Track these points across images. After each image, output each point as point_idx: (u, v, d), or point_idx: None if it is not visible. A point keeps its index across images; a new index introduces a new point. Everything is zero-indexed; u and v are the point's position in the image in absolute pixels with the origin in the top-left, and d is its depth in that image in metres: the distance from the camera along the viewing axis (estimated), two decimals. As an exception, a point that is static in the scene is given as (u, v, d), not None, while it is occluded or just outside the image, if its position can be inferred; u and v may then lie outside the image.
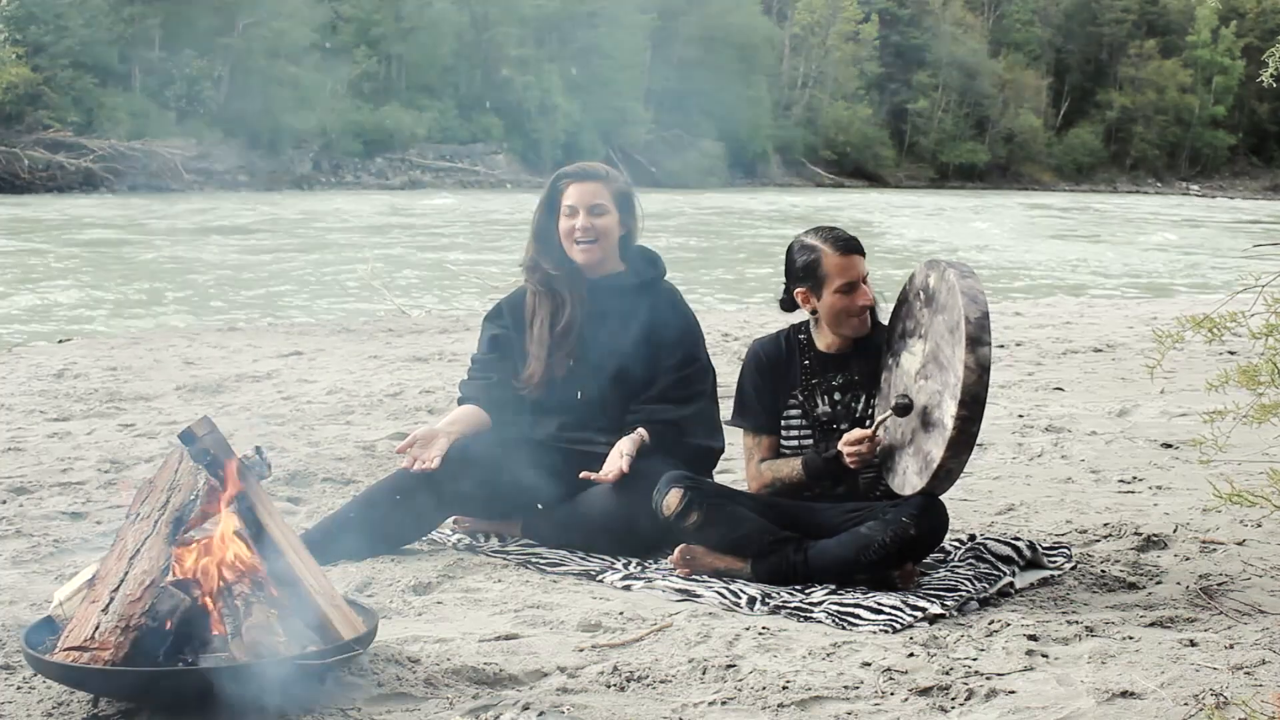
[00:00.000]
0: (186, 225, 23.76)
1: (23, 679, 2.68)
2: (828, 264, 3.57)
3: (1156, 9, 76.88)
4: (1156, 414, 6.16)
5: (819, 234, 3.65)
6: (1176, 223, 33.96)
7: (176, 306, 12.52)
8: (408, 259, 18.14)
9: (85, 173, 34.62)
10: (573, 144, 50.04)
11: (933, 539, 3.46)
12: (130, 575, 2.57)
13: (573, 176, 3.94)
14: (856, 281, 3.57)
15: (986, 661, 2.88)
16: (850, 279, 3.56)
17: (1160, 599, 3.35)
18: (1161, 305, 12.40)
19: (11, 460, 4.90)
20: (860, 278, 3.58)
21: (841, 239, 3.61)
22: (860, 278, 3.58)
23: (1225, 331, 3.16)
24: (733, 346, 8.25)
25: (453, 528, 3.97)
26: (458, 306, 12.33)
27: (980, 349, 3.23)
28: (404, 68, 49.56)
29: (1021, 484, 4.76)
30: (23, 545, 3.75)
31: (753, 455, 3.76)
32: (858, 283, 3.57)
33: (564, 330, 3.91)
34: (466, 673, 2.75)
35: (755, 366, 3.76)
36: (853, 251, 3.58)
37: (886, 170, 64.49)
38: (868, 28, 66.80)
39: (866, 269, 3.62)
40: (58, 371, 7.13)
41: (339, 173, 43.88)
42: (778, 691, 2.69)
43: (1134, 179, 71.59)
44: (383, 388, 6.69)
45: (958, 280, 3.32)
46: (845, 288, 3.56)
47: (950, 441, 3.25)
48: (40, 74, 36.59)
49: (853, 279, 3.56)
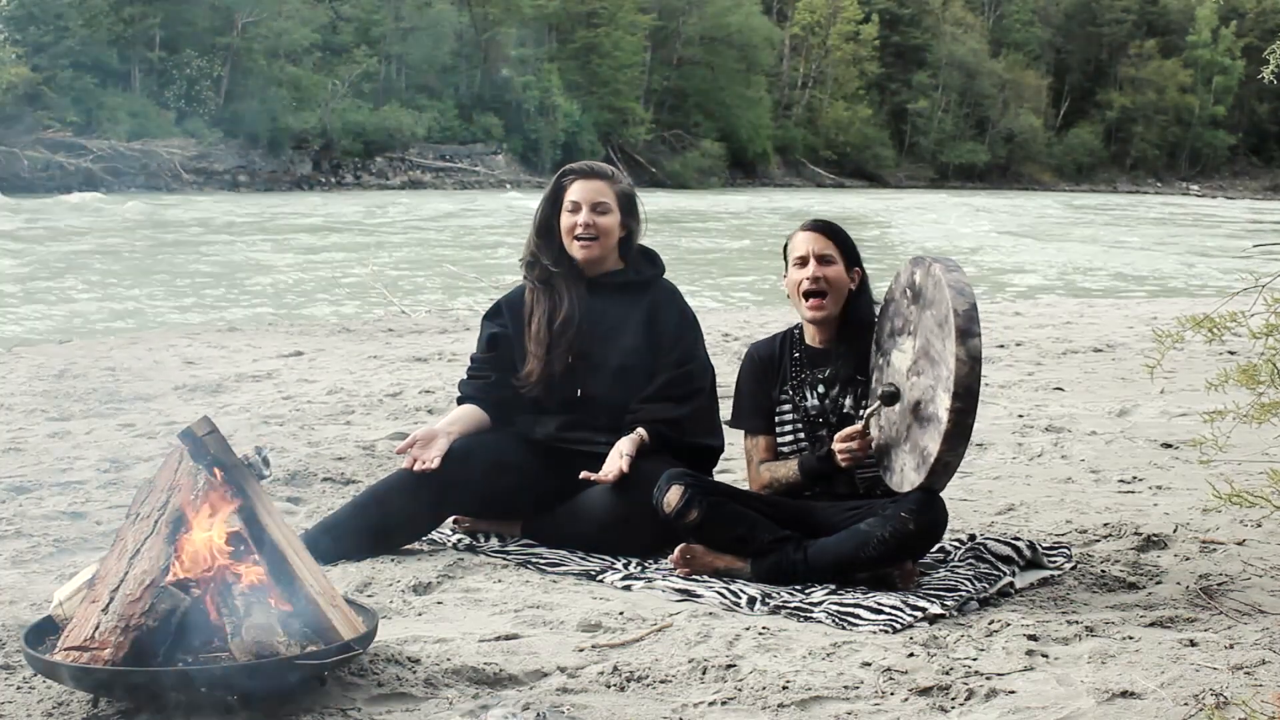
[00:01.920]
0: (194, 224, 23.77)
1: (23, 679, 2.68)
2: (792, 241, 3.70)
3: (1156, 9, 76.88)
4: (1156, 414, 6.16)
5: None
6: (1179, 222, 33.97)
7: (174, 305, 12.53)
8: (408, 259, 18.14)
9: (85, 173, 34.61)
10: (573, 144, 50.04)
11: (932, 534, 3.47)
12: (130, 575, 2.57)
13: (578, 173, 3.95)
14: (806, 256, 3.63)
15: (986, 661, 2.88)
16: (800, 253, 3.64)
17: (1160, 599, 3.35)
18: (1161, 305, 12.40)
19: (11, 460, 4.90)
20: (811, 254, 3.62)
21: (809, 219, 3.74)
22: (811, 254, 3.62)
23: (1225, 331, 3.16)
24: (733, 346, 8.25)
25: (453, 528, 3.97)
26: (458, 306, 12.33)
27: (970, 340, 3.24)
28: (404, 68, 49.55)
29: (1021, 484, 4.76)
30: (23, 545, 3.75)
31: (752, 458, 3.79)
32: (807, 258, 3.62)
33: (562, 327, 3.91)
34: (466, 673, 2.75)
35: (750, 368, 3.81)
36: (811, 229, 3.67)
37: (886, 170, 64.48)
38: (868, 28, 66.80)
39: (825, 249, 3.63)
40: (58, 371, 7.13)
41: (339, 173, 43.88)
42: (778, 691, 2.69)
43: (1134, 179, 71.59)
44: (383, 388, 6.69)
45: (943, 274, 3.33)
46: (798, 261, 3.65)
47: (946, 434, 3.26)
48: (40, 74, 36.57)
49: (802, 254, 3.63)
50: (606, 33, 54.72)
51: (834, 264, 3.63)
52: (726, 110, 57.68)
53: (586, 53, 54.56)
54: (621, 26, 55.09)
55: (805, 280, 3.62)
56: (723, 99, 57.87)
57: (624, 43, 55.01)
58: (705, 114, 57.39)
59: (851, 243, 3.71)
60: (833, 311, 3.66)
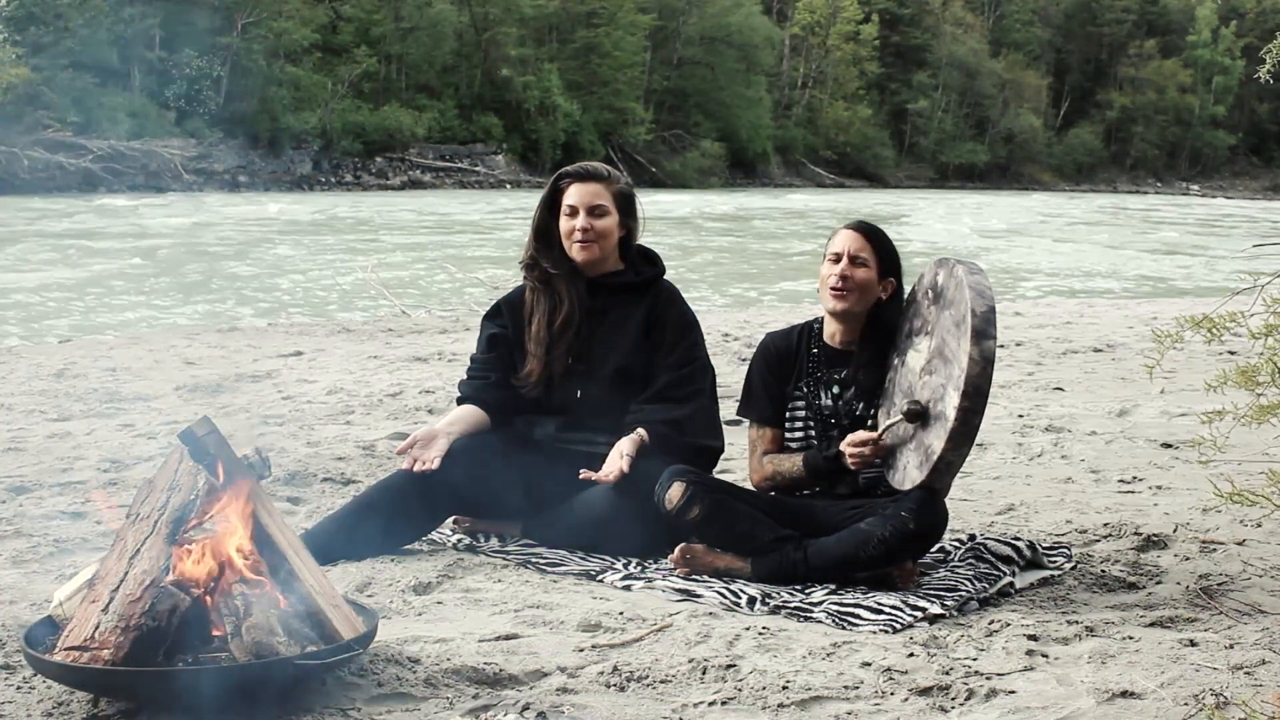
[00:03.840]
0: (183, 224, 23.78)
1: (23, 679, 2.68)
2: (833, 237, 3.74)
3: (1156, 9, 76.92)
4: (1156, 414, 6.16)
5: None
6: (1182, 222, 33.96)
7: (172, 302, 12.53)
8: (407, 258, 18.14)
9: (85, 172, 34.61)
10: (573, 144, 50.06)
11: (932, 534, 3.47)
12: (130, 575, 2.57)
13: (574, 176, 3.94)
14: (840, 254, 3.66)
15: (986, 661, 2.88)
16: (836, 250, 3.68)
17: (1160, 599, 3.35)
18: (1161, 305, 12.40)
19: (11, 460, 4.90)
20: (846, 252, 3.65)
21: (853, 220, 3.80)
22: (846, 252, 3.65)
23: (1225, 332, 3.16)
24: (733, 346, 8.25)
25: (453, 528, 3.96)
26: (457, 306, 12.33)
27: (985, 341, 3.26)
28: (404, 68, 49.55)
29: (1021, 484, 4.76)
30: (23, 545, 3.75)
31: (756, 448, 3.79)
32: (841, 255, 3.66)
33: (562, 328, 3.91)
34: (466, 673, 2.75)
35: (764, 358, 3.81)
36: (852, 228, 3.71)
37: (886, 170, 64.49)
38: (868, 28, 66.83)
39: (861, 251, 3.65)
40: (58, 371, 7.13)
41: (339, 173, 43.88)
42: (778, 691, 2.69)
43: (1134, 179, 71.62)
44: (383, 388, 6.69)
45: (966, 276, 3.37)
46: (833, 256, 3.69)
47: (951, 433, 3.26)
48: (40, 74, 36.55)
49: (838, 250, 3.67)
50: (606, 33, 54.72)
51: (866, 267, 3.64)
52: (726, 110, 57.68)
53: (586, 53, 54.56)
54: (621, 26, 55.09)
55: (833, 277, 3.65)
56: (723, 99, 57.87)
57: (624, 43, 55.00)
58: (705, 114, 57.39)
59: (892, 251, 3.70)
60: (854, 308, 3.66)
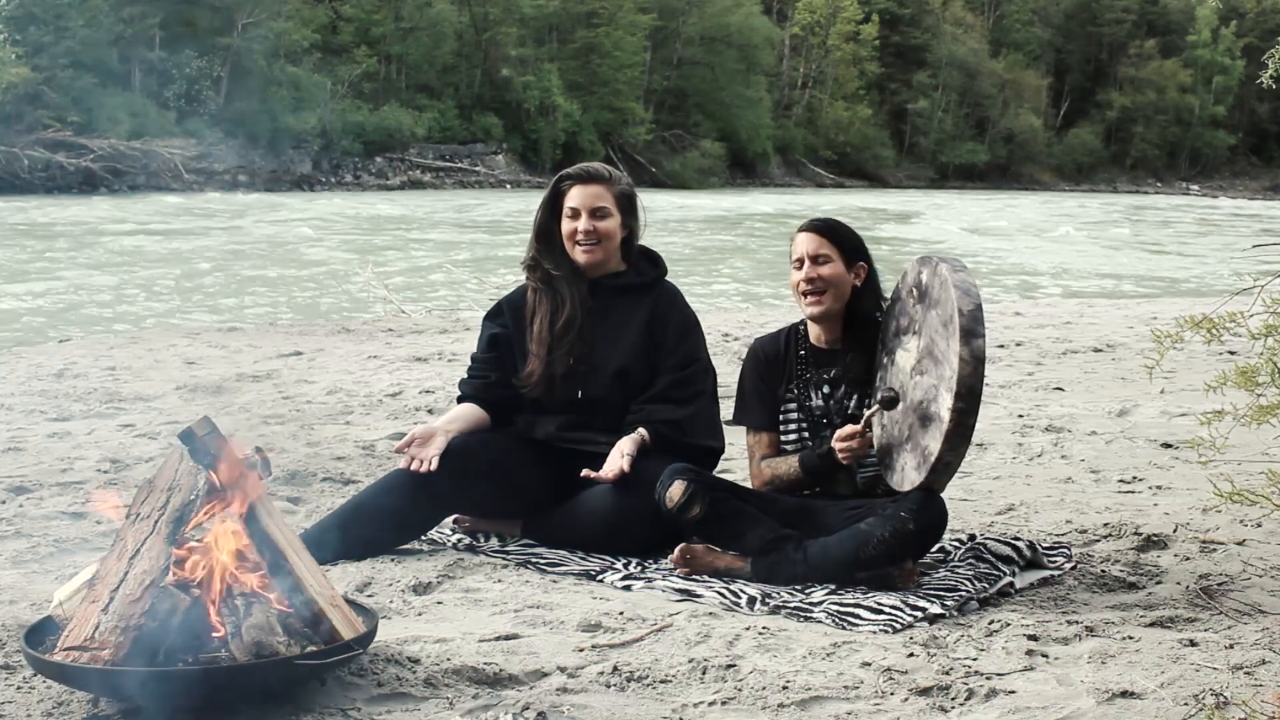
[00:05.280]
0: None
1: (23, 679, 2.68)
2: (791, 243, 3.75)
3: (1156, 9, 76.88)
4: (1156, 414, 6.16)
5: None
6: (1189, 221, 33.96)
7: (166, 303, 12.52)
8: (407, 259, 18.13)
9: (85, 172, 34.59)
10: (573, 144, 50.05)
11: (932, 534, 3.47)
12: (130, 575, 2.57)
13: (575, 178, 3.94)
14: (801, 258, 3.68)
15: (986, 661, 2.88)
16: (796, 255, 3.70)
17: (1160, 599, 3.35)
18: (1161, 305, 12.40)
19: (11, 460, 4.90)
20: (805, 255, 3.66)
21: (804, 221, 3.79)
22: (805, 255, 3.66)
23: (1224, 332, 3.16)
24: (733, 346, 8.25)
25: (453, 528, 3.96)
26: (457, 306, 12.33)
27: (974, 341, 3.25)
28: (404, 68, 49.54)
29: (1021, 484, 4.76)
30: (23, 545, 3.75)
31: (754, 454, 3.80)
32: (803, 259, 3.67)
33: (564, 328, 3.91)
34: (466, 673, 2.75)
35: (754, 364, 3.82)
36: (806, 230, 3.72)
37: (886, 170, 64.48)
38: (868, 28, 66.80)
39: (819, 249, 3.66)
40: (58, 371, 7.13)
41: (339, 173, 43.87)
42: (778, 691, 2.69)
43: (1134, 179, 71.59)
44: (383, 388, 6.69)
45: (950, 274, 3.34)
46: (795, 263, 3.70)
47: (947, 434, 3.26)
48: (40, 74, 36.53)
49: (798, 255, 3.69)
50: (606, 33, 54.71)
51: (830, 263, 3.65)
52: (726, 110, 57.67)
53: (586, 53, 54.54)
54: (621, 26, 55.09)
55: (801, 281, 3.66)
56: (723, 99, 57.86)
57: (624, 43, 54.99)
58: (705, 114, 57.38)
59: (851, 238, 3.71)
60: (833, 307, 3.67)
